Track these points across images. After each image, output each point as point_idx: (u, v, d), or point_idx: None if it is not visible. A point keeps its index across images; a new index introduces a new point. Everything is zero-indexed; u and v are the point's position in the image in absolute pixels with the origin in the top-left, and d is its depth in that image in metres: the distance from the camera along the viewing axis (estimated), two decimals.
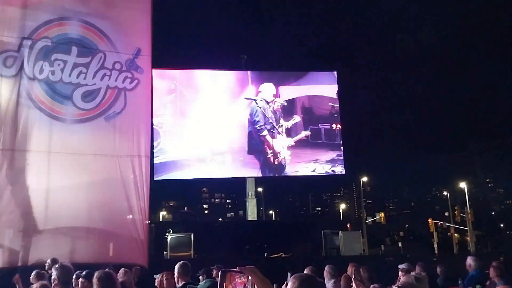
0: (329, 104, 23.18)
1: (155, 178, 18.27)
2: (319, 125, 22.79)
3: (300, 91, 23.26)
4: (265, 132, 21.55)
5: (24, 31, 11.57)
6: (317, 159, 22.61)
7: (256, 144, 21.84)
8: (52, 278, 4.38)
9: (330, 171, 22.70)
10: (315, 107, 23.18)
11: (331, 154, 22.53)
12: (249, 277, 2.43)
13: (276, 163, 21.72)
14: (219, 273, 2.47)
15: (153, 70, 13.90)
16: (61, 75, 11.85)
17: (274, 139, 21.68)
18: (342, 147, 22.69)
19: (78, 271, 5.79)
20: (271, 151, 21.60)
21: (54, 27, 11.96)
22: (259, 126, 21.65)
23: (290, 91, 22.91)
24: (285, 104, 22.64)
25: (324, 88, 23.54)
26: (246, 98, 21.55)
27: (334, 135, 22.93)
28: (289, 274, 6.55)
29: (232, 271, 2.47)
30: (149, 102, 13.35)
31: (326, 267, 6.97)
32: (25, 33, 11.55)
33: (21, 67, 11.36)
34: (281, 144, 21.91)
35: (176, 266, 5.41)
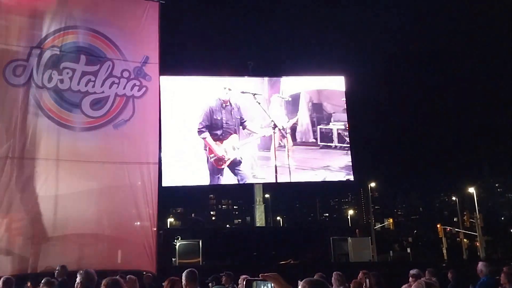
0: (342, 99, 20.50)
1: (163, 185, 18.28)
2: (331, 125, 20.12)
3: (306, 83, 20.77)
4: (204, 135, 18.63)
5: (33, 40, 11.69)
6: (328, 166, 19.90)
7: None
8: (76, 282, 4.52)
9: (344, 179, 20.15)
10: (325, 103, 20.52)
11: (346, 160, 19.97)
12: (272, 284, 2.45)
13: (222, 167, 18.82)
14: (244, 283, 2.50)
15: (160, 77, 13.98)
16: (69, 83, 11.94)
17: (217, 142, 18.72)
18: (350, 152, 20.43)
19: None
20: (212, 154, 18.78)
21: (62, 35, 12.07)
22: (199, 129, 18.69)
23: (294, 84, 20.58)
24: (289, 99, 19.98)
25: (333, 80, 21.10)
26: (243, 92, 19.40)
27: (348, 137, 20.23)
28: (299, 283, 6.52)
29: (255, 279, 2.49)
30: (157, 109, 13.43)
31: (334, 274, 6.96)
32: (34, 42, 11.66)
33: (30, 76, 11.46)
34: (231, 145, 18.86)
35: (184, 274, 5.41)
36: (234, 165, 19.22)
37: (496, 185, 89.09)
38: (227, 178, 19.27)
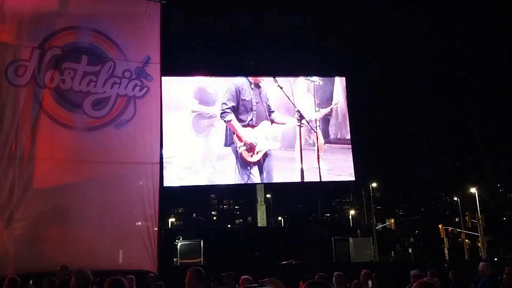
0: None
1: (164, 185, 18.25)
2: None
3: None
4: (230, 117, 15.83)
5: (34, 40, 11.70)
6: None
7: (229, 137, 16.17)
8: (71, 283, 4.50)
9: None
10: None
11: None
12: None
13: (253, 159, 15.87)
14: None
15: (162, 78, 13.99)
16: (71, 83, 11.95)
17: (247, 128, 15.80)
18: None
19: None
20: (242, 143, 15.86)
21: (64, 36, 12.08)
22: (223, 110, 15.95)
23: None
24: (321, 83, 16.61)
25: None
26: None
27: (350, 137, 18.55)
28: (301, 284, 6.54)
29: (254, 285, 2.48)
30: (159, 109, 13.44)
31: (335, 275, 6.95)
32: (36, 43, 11.67)
33: (32, 76, 11.47)
34: (263, 133, 15.82)
35: (190, 271, 5.37)
36: (263, 162, 16.01)
37: (498, 185, 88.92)
38: (257, 176, 16.23)
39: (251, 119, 15.88)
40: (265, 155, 16.18)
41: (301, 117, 15.68)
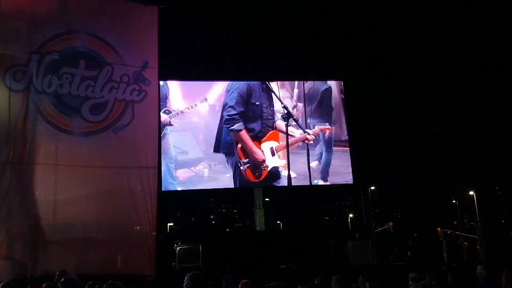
0: None
1: (162, 189, 18.20)
2: None
3: None
4: (239, 126, 13.66)
5: (32, 45, 11.71)
6: None
7: (226, 144, 14.06)
8: None
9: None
10: None
11: None
12: None
13: (258, 179, 14.07)
14: None
15: (160, 82, 14.01)
16: (69, 88, 11.97)
17: (254, 141, 13.72)
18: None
19: (91, 282, 5.85)
20: (245, 159, 13.80)
21: (62, 40, 12.10)
22: (229, 116, 13.74)
23: None
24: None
25: None
26: None
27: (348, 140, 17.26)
28: None
29: None
30: (156, 113, 13.48)
31: (333, 278, 6.96)
32: (34, 47, 11.69)
33: (30, 81, 11.48)
34: (269, 147, 13.77)
35: (187, 276, 5.38)
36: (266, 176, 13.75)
37: (496, 188, 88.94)
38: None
39: (260, 130, 13.85)
40: (270, 174, 14.77)
41: (288, 114, 13.21)
